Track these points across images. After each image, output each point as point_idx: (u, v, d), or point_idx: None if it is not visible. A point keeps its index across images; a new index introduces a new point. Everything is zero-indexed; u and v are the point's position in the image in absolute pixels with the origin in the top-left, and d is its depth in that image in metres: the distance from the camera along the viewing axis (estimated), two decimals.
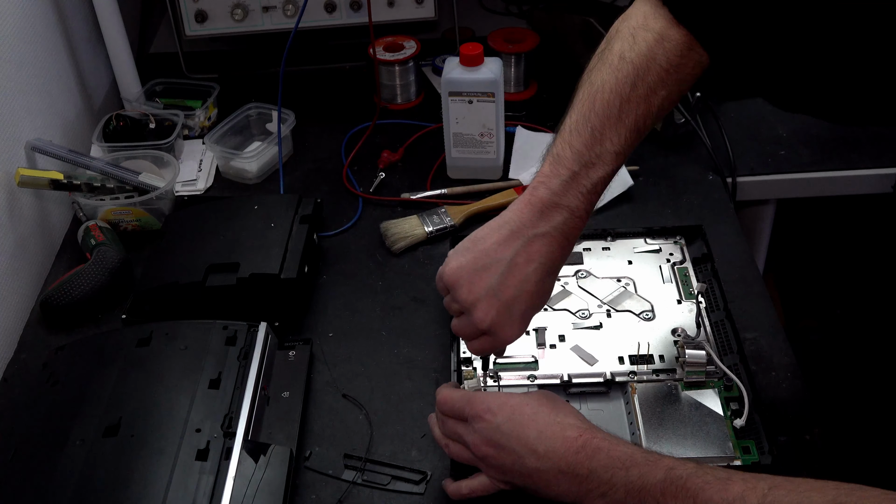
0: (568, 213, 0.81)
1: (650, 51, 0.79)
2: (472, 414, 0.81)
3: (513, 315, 0.82)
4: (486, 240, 0.84)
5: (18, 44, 1.22)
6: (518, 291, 0.81)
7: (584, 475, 0.75)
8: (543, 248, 0.81)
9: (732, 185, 1.31)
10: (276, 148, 1.35)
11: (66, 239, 1.28)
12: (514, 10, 1.72)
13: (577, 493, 0.76)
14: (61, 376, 0.97)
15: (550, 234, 0.81)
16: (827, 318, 1.79)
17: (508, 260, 0.81)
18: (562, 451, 0.76)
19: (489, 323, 0.82)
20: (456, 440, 0.85)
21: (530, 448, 0.77)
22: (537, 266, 0.81)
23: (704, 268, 1.08)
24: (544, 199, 0.81)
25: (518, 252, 0.81)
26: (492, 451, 0.80)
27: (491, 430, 0.80)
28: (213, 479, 0.84)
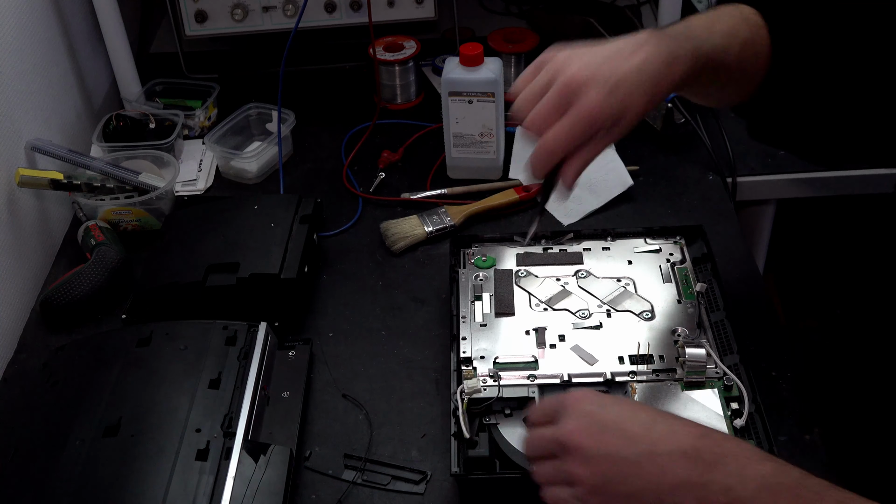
0: (674, 46, 0.81)
1: (729, 9, 0.89)
2: (568, 401, 0.72)
3: (608, 82, 0.77)
4: (594, 44, 0.83)
5: (18, 44, 1.22)
6: (619, 68, 0.78)
7: (711, 461, 0.65)
8: (652, 53, 0.79)
9: (732, 185, 1.31)
10: (276, 148, 1.35)
11: (66, 239, 1.28)
12: (514, 10, 1.72)
13: (695, 482, 0.65)
14: (61, 376, 0.97)
15: (658, 47, 0.80)
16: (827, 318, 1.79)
17: (618, 48, 0.80)
18: (683, 433, 0.68)
19: (582, 78, 0.77)
20: (541, 453, 0.74)
21: (642, 430, 0.68)
22: (641, 60, 0.79)
23: (704, 268, 1.08)
24: (650, 32, 0.83)
25: (628, 46, 0.80)
26: (592, 436, 0.69)
27: (592, 412, 0.70)
28: (213, 479, 0.84)
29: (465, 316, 1.03)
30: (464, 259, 1.12)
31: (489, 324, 1.02)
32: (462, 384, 0.93)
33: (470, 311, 1.04)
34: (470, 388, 0.93)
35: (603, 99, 0.77)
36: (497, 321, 1.03)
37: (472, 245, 1.14)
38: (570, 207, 1.26)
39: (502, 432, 0.91)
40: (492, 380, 0.95)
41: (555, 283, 1.07)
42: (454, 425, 0.90)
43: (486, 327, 1.02)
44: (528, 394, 0.94)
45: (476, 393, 0.92)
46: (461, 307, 1.04)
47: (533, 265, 1.10)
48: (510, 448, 0.90)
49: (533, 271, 1.09)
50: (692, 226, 1.13)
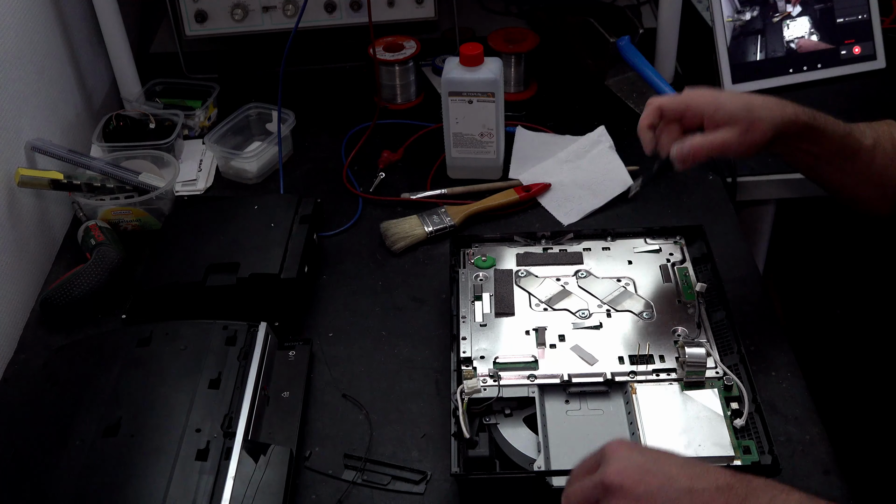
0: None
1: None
2: (609, 449, 0.76)
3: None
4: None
5: (18, 44, 1.22)
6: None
7: (744, 495, 0.71)
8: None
9: (732, 185, 1.31)
10: (276, 148, 1.35)
11: (66, 239, 1.28)
12: (514, 10, 1.72)
13: None
14: (61, 376, 0.97)
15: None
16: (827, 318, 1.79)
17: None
18: (718, 472, 0.73)
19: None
20: (585, 500, 0.76)
21: (681, 471, 0.73)
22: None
23: (704, 268, 1.08)
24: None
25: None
26: (634, 476, 0.73)
27: (634, 456, 0.75)
28: (213, 479, 0.84)
29: (465, 316, 1.03)
30: (464, 259, 1.12)
31: (489, 324, 1.02)
32: (462, 384, 0.93)
33: (470, 311, 1.04)
34: (470, 388, 0.93)
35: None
36: (497, 321, 1.03)
37: (472, 245, 1.14)
38: (570, 207, 1.26)
39: (502, 432, 0.92)
40: (492, 380, 0.95)
41: (555, 283, 1.07)
42: (454, 425, 0.90)
43: (486, 327, 1.02)
44: (528, 394, 0.94)
45: (476, 393, 0.93)
46: (461, 307, 1.04)
47: (533, 265, 1.10)
48: (510, 448, 0.90)
49: (533, 271, 1.09)
50: (692, 226, 1.13)
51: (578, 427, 0.92)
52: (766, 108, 0.94)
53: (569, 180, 1.30)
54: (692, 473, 0.73)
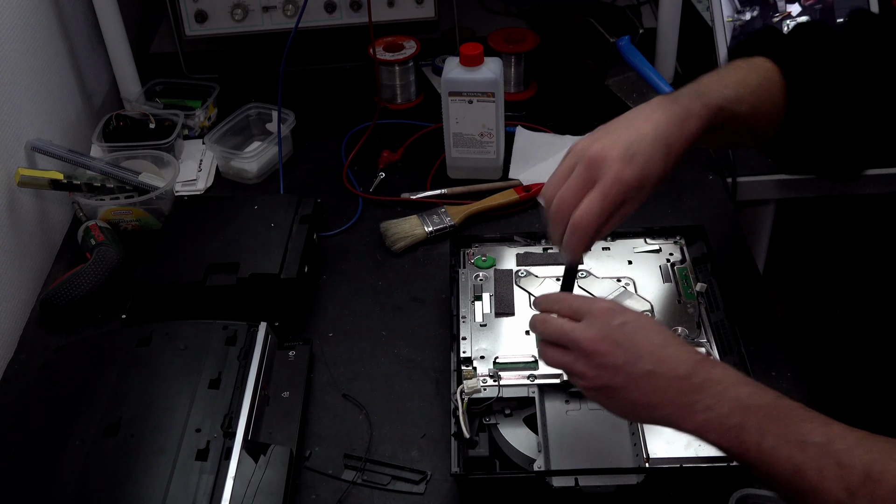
0: (684, 107, 0.87)
1: (740, 62, 0.95)
2: (597, 309, 0.80)
3: (628, 152, 0.83)
4: (610, 121, 0.89)
5: (18, 44, 1.22)
6: (634, 136, 0.83)
7: (698, 384, 0.75)
8: (661, 118, 0.85)
9: (732, 185, 1.31)
10: (276, 148, 1.35)
11: (66, 239, 1.28)
12: (514, 10, 1.72)
13: (682, 403, 0.75)
14: (61, 376, 0.97)
15: (668, 111, 0.86)
16: (827, 318, 1.79)
17: (629, 120, 0.86)
18: (682, 359, 0.76)
19: (604, 154, 0.82)
20: (555, 340, 0.82)
21: (651, 350, 0.77)
22: (654, 128, 0.85)
23: (704, 268, 1.08)
24: (661, 98, 0.88)
25: (637, 117, 0.86)
26: (606, 347, 0.78)
27: (614, 326, 0.79)
28: (213, 479, 0.84)
29: (465, 316, 1.03)
30: (464, 259, 1.12)
31: (489, 324, 1.02)
32: (462, 384, 0.93)
33: (470, 311, 1.04)
34: (470, 388, 0.93)
35: (622, 169, 0.82)
36: (497, 321, 1.03)
37: (472, 245, 1.14)
38: None
39: (502, 432, 0.92)
40: (492, 380, 0.95)
41: (555, 283, 1.07)
42: (454, 425, 0.90)
43: (486, 327, 1.02)
44: (528, 394, 0.94)
45: (476, 393, 0.93)
46: (461, 307, 1.04)
47: (533, 265, 1.10)
48: (510, 448, 0.90)
49: (533, 271, 1.09)
50: (692, 226, 1.13)
51: (578, 427, 0.92)
52: (647, 161, 0.86)
53: None
54: (659, 356, 0.77)
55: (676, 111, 0.86)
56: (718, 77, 0.92)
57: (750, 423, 0.72)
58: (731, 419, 0.73)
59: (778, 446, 0.70)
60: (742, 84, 0.91)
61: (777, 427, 0.71)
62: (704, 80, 0.92)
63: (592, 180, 0.83)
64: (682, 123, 0.86)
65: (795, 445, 0.69)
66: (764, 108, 0.92)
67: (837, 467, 0.67)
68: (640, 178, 0.83)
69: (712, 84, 0.91)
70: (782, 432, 0.70)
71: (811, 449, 0.69)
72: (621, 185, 0.82)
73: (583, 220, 0.83)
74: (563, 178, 0.85)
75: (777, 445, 0.70)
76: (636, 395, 0.77)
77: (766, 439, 0.71)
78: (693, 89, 0.90)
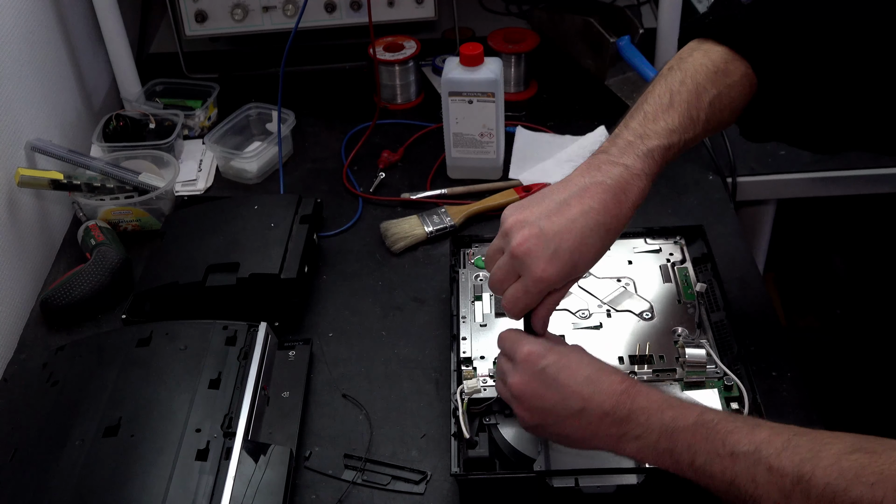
0: (624, 169, 0.83)
1: (697, 60, 0.89)
2: (520, 355, 0.82)
3: (549, 248, 0.80)
4: (546, 189, 0.86)
5: (18, 44, 1.22)
6: (561, 228, 0.80)
7: (623, 417, 0.77)
8: (598, 195, 0.82)
9: (732, 185, 1.31)
10: (276, 148, 1.35)
11: (66, 239, 1.28)
12: (514, 10, 1.72)
13: (614, 435, 0.78)
14: (61, 376, 0.97)
15: (605, 184, 0.82)
16: (827, 318, 1.79)
17: (561, 199, 0.82)
18: (607, 394, 0.78)
19: (524, 249, 0.80)
20: (500, 377, 0.86)
21: (576, 390, 0.79)
22: (588, 210, 0.81)
23: (704, 268, 1.08)
24: (602, 159, 0.84)
25: (573, 195, 0.82)
26: (531, 392, 0.81)
27: (536, 371, 0.81)
28: (213, 479, 0.84)
29: (465, 316, 1.03)
30: (464, 259, 1.12)
31: (489, 324, 1.02)
32: (462, 384, 0.93)
33: (470, 311, 1.04)
34: (470, 388, 0.92)
35: (546, 267, 0.80)
36: (497, 321, 1.03)
37: (472, 245, 1.14)
38: None
39: (502, 432, 0.91)
40: (492, 380, 0.95)
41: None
42: (454, 425, 0.90)
43: (486, 327, 1.02)
44: None
45: (476, 393, 0.92)
46: (461, 307, 1.04)
47: None
48: (510, 448, 0.90)
49: None
50: (692, 226, 1.13)
51: None
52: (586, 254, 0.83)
53: None
54: (584, 395, 0.79)
55: (616, 179, 0.82)
56: (668, 98, 0.86)
57: (679, 446, 0.74)
58: (660, 444, 0.76)
59: (710, 462, 0.72)
60: (694, 101, 0.86)
61: (705, 444, 0.73)
62: (649, 108, 0.86)
63: (516, 272, 0.82)
64: (621, 194, 0.82)
65: (726, 458, 0.72)
66: (718, 117, 0.88)
67: (768, 473, 0.69)
68: (565, 272, 0.81)
69: (658, 114, 0.85)
70: (711, 448, 0.73)
71: (741, 459, 0.71)
72: (542, 284, 0.81)
73: (509, 307, 0.84)
74: (493, 254, 0.86)
75: (709, 461, 0.73)
76: (570, 431, 0.80)
77: (698, 457, 0.73)
78: (635, 131, 0.85)
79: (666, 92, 0.87)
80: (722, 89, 0.88)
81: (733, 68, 0.88)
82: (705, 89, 0.87)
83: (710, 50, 0.90)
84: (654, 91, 0.88)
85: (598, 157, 0.85)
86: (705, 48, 0.90)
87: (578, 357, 0.82)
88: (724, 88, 0.88)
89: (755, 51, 0.89)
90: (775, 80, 0.90)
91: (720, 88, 0.87)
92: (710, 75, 0.88)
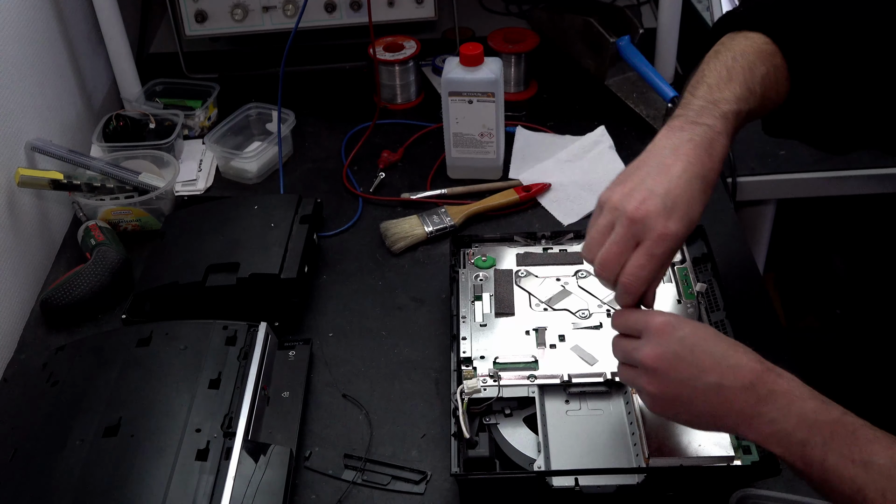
0: (707, 128, 0.84)
1: (741, 44, 0.91)
2: (654, 325, 0.79)
3: (667, 205, 0.79)
4: (634, 161, 0.85)
5: (18, 44, 1.22)
6: (670, 184, 0.80)
7: (764, 396, 0.74)
8: (690, 151, 0.82)
9: (732, 185, 1.31)
10: (276, 148, 1.35)
11: (66, 239, 1.28)
12: (514, 10, 1.72)
13: (748, 414, 0.75)
14: (61, 376, 0.97)
15: (694, 140, 0.83)
16: (827, 318, 1.79)
17: (657, 162, 0.83)
18: (747, 369, 0.76)
19: (643, 212, 0.79)
20: (624, 359, 0.83)
21: (714, 363, 0.76)
22: (686, 165, 0.82)
23: (704, 268, 1.08)
24: (681, 121, 0.85)
25: (666, 156, 0.83)
26: (668, 363, 0.77)
27: (673, 341, 0.78)
28: (213, 479, 0.84)
29: (465, 316, 1.03)
30: (464, 259, 1.12)
31: (489, 324, 1.02)
32: (462, 384, 0.93)
33: (470, 311, 1.04)
34: (470, 388, 0.93)
35: (666, 224, 0.80)
36: (497, 321, 1.03)
37: (472, 245, 1.14)
38: (569, 207, 1.26)
39: (502, 432, 0.92)
40: (492, 380, 0.95)
41: (555, 283, 1.07)
42: (454, 425, 0.90)
43: (486, 327, 1.02)
44: (528, 394, 0.94)
45: (476, 393, 0.92)
46: (461, 307, 1.04)
47: (533, 265, 1.10)
48: (510, 448, 0.90)
49: (533, 271, 1.09)
50: None
51: (578, 427, 0.92)
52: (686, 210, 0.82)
53: (569, 180, 1.30)
54: (723, 368, 0.76)
55: (702, 136, 0.83)
56: (725, 72, 0.88)
57: (814, 440, 0.72)
58: (796, 434, 0.73)
59: (841, 465, 0.70)
60: (749, 75, 0.88)
61: (841, 445, 0.70)
62: (711, 80, 0.88)
63: (635, 240, 0.80)
64: (710, 148, 0.83)
65: (859, 465, 0.69)
66: (770, 95, 0.90)
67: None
68: (685, 227, 0.81)
69: (721, 85, 0.87)
70: (846, 451, 0.70)
71: (875, 470, 0.69)
72: (667, 242, 0.80)
73: (631, 283, 0.81)
74: (601, 235, 0.83)
75: (840, 464, 0.70)
76: (702, 407, 0.77)
77: (830, 457, 0.71)
78: (705, 97, 0.86)
79: (722, 67, 0.88)
80: (770, 69, 0.89)
81: (775, 50, 0.91)
82: (756, 66, 0.89)
83: (750, 36, 0.92)
84: (709, 67, 0.89)
85: (676, 121, 0.86)
86: (745, 34, 0.92)
87: (713, 332, 0.80)
88: (772, 68, 0.90)
89: (789, 45, 0.90)
90: (807, 77, 0.90)
91: (768, 67, 0.89)
92: (758, 54, 0.90)
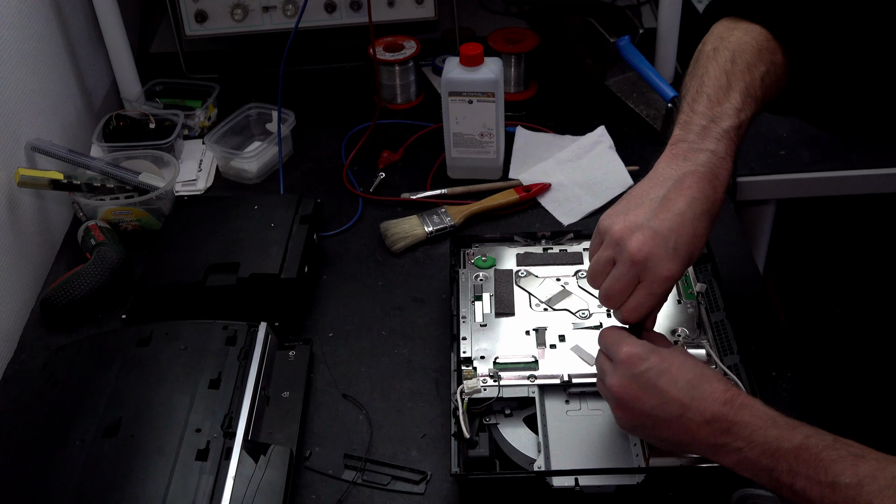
0: (710, 154, 0.84)
1: (739, 39, 0.90)
2: (620, 356, 0.81)
3: (668, 247, 0.80)
4: (636, 188, 0.86)
5: (18, 44, 1.22)
6: (673, 224, 0.81)
7: (725, 428, 0.75)
8: (694, 184, 0.82)
9: (732, 185, 1.31)
10: (276, 148, 1.35)
11: (66, 239, 1.28)
12: (514, 10, 1.72)
13: (712, 445, 0.76)
14: (61, 376, 0.97)
15: (698, 171, 0.83)
16: (827, 318, 1.79)
17: (661, 196, 0.82)
18: (709, 401, 0.76)
19: (644, 254, 0.79)
20: (599, 376, 0.85)
21: (676, 396, 0.77)
22: (690, 200, 0.82)
23: (704, 268, 1.08)
24: (684, 148, 0.85)
25: (670, 189, 0.83)
26: (631, 394, 0.79)
27: (636, 374, 0.79)
28: (213, 479, 0.84)
29: (465, 316, 1.03)
30: (464, 259, 1.12)
31: (489, 324, 1.02)
32: (462, 384, 0.93)
33: (470, 311, 1.04)
34: (470, 388, 0.93)
35: (669, 266, 0.80)
36: (497, 321, 1.03)
37: (472, 245, 1.14)
38: (570, 207, 1.26)
39: (502, 432, 0.92)
40: (492, 380, 0.95)
41: (555, 283, 1.07)
42: (454, 425, 0.90)
43: (486, 327, 1.02)
44: (528, 394, 0.94)
45: (476, 393, 0.92)
46: (461, 307, 1.04)
47: (533, 265, 1.10)
48: (510, 448, 0.90)
49: (533, 271, 1.09)
50: None
51: (578, 427, 0.92)
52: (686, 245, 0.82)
53: (569, 180, 1.30)
54: (687, 398, 0.77)
55: (706, 166, 0.83)
56: (724, 79, 0.87)
57: (780, 466, 0.73)
58: (761, 461, 0.74)
59: (809, 487, 0.71)
60: (749, 78, 0.87)
61: (808, 469, 0.71)
62: (710, 90, 0.87)
63: (637, 279, 0.82)
64: (714, 179, 0.83)
65: (826, 487, 0.70)
66: (770, 93, 0.90)
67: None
68: (685, 266, 0.82)
69: (721, 96, 0.86)
70: (813, 473, 0.71)
71: (842, 490, 0.69)
72: (668, 283, 0.81)
73: (632, 317, 0.84)
74: (603, 268, 0.84)
75: (808, 486, 0.71)
76: (666, 434, 0.80)
77: (798, 481, 0.72)
78: (705, 114, 0.86)
79: (721, 73, 0.88)
80: (769, 66, 0.89)
81: (774, 45, 0.90)
82: (755, 66, 0.88)
83: (748, 28, 0.91)
84: (707, 73, 0.88)
85: (678, 147, 0.86)
86: (744, 27, 0.91)
87: (681, 361, 0.80)
88: (771, 66, 0.89)
89: (783, 25, 0.90)
90: (804, 55, 0.90)
91: (767, 65, 0.89)
92: (756, 53, 0.89)
